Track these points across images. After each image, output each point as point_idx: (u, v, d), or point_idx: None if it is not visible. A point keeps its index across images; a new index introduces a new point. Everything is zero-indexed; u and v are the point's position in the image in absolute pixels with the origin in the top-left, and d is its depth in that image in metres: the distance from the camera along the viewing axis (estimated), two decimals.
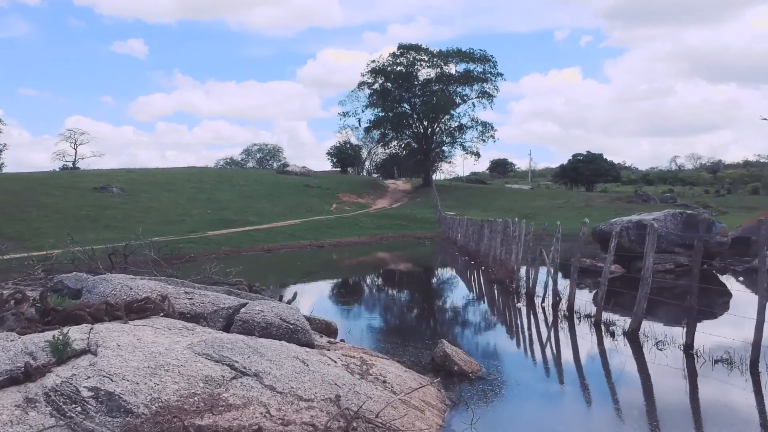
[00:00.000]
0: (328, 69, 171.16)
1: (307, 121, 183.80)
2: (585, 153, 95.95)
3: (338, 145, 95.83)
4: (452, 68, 77.77)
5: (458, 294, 19.49)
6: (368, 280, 23.86)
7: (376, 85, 77.09)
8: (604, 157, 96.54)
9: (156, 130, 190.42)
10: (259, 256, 34.20)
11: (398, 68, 76.26)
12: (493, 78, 76.95)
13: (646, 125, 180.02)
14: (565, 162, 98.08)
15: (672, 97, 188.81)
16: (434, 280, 24.23)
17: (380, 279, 24.28)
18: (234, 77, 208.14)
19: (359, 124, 79.00)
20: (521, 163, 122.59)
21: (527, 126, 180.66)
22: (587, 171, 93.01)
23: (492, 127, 78.61)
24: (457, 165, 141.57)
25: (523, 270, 18.35)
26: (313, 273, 26.89)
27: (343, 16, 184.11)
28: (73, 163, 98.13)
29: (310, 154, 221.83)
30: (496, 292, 18.57)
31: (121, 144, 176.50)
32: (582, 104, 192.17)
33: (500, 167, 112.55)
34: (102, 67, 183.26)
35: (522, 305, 15.80)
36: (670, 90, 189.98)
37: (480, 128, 78.20)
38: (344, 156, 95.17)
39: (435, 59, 76.86)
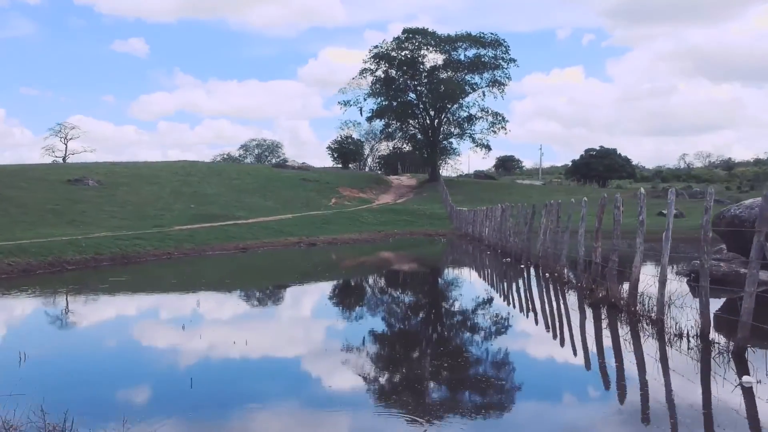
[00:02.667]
0: (330, 68, 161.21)
1: (309, 120, 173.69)
2: (598, 148, 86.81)
3: (339, 139, 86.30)
4: (461, 54, 68.32)
5: (547, 341, 9.08)
6: (370, 300, 14.34)
7: (380, 72, 67.53)
8: (618, 153, 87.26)
9: (158, 129, 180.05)
10: (229, 257, 24.90)
11: (403, 53, 66.66)
12: (505, 64, 67.47)
13: (649, 124, 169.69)
14: (569, 160, 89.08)
15: (675, 96, 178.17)
16: (477, 297, 14.19)
17: (388, 298, 14.80)
18: (235, 76, 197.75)
19: (361, 113, 69.36)
20: (525, 162, 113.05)
21: (530, 125, 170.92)
22: (600, 167, 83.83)
23: (503, 118, 69.09)
24: (462, 162, 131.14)
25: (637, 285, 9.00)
26: (287, 283, 17.62)
27: (345, 16, 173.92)
28: (63, 158, 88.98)
29: (313, 153, 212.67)
30: (618, 328, 9.15)
31: (123, 143, 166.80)
32: (584, 103, 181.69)
33: (507, 164, 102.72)
34: (103, 66, 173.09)
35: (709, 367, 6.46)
36: (672, 89, 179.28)
37: (490, 119, 68.72)
38: (345, 151, 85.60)
39: (442, 44, 67.33)
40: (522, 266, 18.00)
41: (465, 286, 15.93)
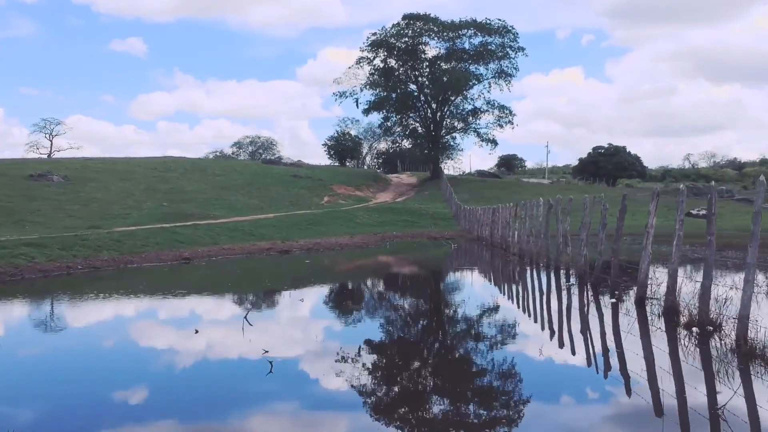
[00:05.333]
0: (330, 68, 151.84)
1: (309, 120, 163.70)
2: (606, 145, 79.20)
3: (336, 135, 77.97)
4: (465, 42, 60.03)
5: None
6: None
7: (378, 61, 59.40)
8: (627, 151, 79.51)
9: (157, 129, 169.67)
10: (158, 270, 16.82)
11: (403, 39, 58.46)
12: (513, 53, 59.32)
13: (649, 125, 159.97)
14: (569, 161, 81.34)
15: (675, 97, 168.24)
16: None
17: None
18: (235, 76, 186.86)
19: (357, 105, 60.92)
20: (527, 162, 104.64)
21: (530, 126, 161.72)
22: (609, 165, 76.19)
23: (510, 112, 60.81)
24: (463, 161, 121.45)
25: None
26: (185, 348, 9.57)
27: (345, 16, 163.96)
28: (49, 155, 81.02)
29: (312, 153, 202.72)
30: None
31: (123, 143, 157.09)
32: (584, 104, 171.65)
33: (510, 163, 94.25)
34: (101, 65, 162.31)
35: None
36: (673, 90, 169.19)
37: (496, 112, 60.48)
38: (342, 148, 77.35)
39: (446, 32, 59.21)
40: (612, 299, 10.02)
41: (530, 348, 7.89)
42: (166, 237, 21.72)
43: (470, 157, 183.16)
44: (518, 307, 10.84)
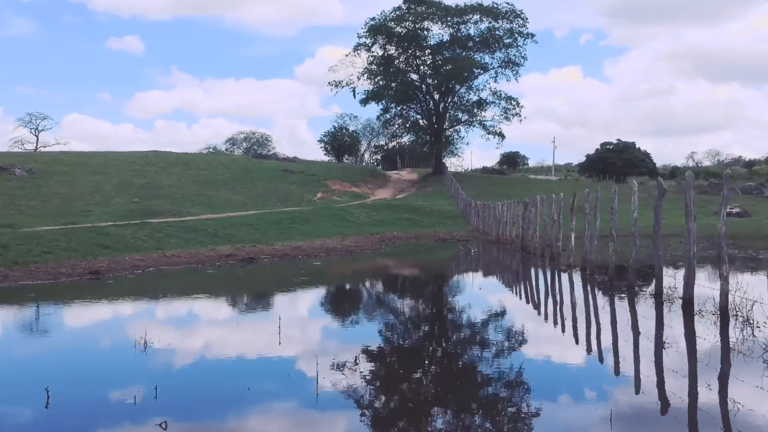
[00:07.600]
0: (328, 67, 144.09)
1: (307, 119, 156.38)
2: (615, 141, 73.15)
3: (333, 130, 71.44)
4: (471, 28, 53.70)
5: None
6: None
7: (376, 48, 53.04)
8: (637, 147, 73.40)
9: (155, 127, 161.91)
10: (17, 295, 10.51)
11: (404, 24, 52.07)
12: (522, 40, 52.95)
13: (648, 125, 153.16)
14: (568, 160, 75.28)
15: (674, 96, 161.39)
16: None
17: None
18: (232, 75, 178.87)
19: (354, 95, 54.16)
20: (528, 161, 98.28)
21: (528, 125, 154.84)
22: (618, 161, 70.08)
23: (518, 103, 54.32)
24: (464, 158, 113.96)
25: None
26: None
27: (343, 14, 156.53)
28: (35, 150, 74.56)
29: (310, 152, 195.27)
30: None
31: (121, 142, 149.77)
32: (583, 103, 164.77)
33: (513, 160, 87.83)
34: (98, 64, 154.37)
35: None
36: (671, 89, 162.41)
37: (503, 104, 54.12)
38: (340, 144, 70.92)
39: (450, 17, 52.90)
40: None
41: None
42: (88, 240, 15.40)
43: (471, 154, 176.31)
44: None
